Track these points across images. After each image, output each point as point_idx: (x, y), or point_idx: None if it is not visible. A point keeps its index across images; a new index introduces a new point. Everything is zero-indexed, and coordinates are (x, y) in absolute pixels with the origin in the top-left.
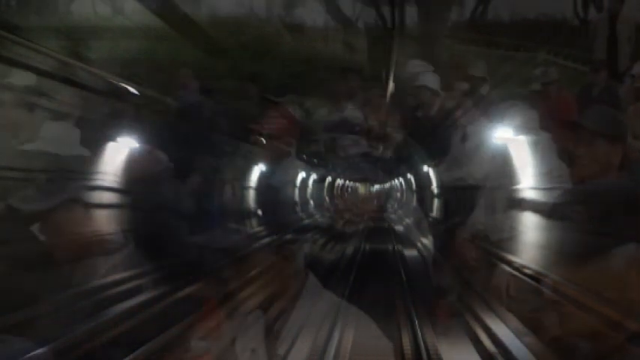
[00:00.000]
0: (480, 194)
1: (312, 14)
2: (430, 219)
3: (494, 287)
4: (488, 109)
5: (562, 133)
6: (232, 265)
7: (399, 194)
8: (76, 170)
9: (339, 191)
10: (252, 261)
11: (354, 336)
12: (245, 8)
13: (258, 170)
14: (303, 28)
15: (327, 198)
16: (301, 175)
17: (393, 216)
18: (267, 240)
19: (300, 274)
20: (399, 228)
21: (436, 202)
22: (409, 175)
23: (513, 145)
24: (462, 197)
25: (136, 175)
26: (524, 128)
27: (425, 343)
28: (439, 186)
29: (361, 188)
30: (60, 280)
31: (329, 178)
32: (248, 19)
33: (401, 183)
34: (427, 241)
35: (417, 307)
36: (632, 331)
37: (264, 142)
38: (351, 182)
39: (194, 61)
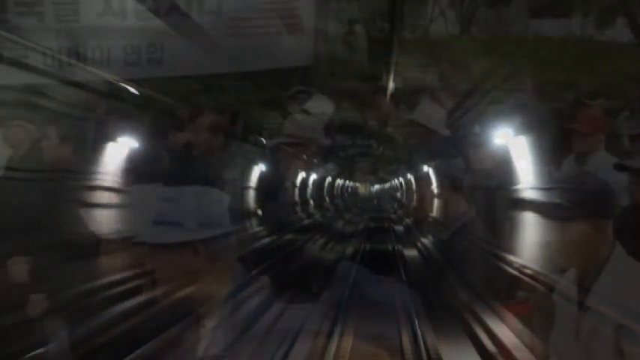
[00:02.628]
0: (480, 194)
1: (313, 14)
2: (430, 219)
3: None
4: (489, 108)
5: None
6: None
7: (399, 194)
8: None
9: (339, 191)
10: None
11: (354, 335)
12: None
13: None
14: (303, 28)
15: (327, 198)
16: (301, 175)
17: (393, 216)
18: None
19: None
20: (399, 228)
21: (436, 202)
22: (409, 175)
23: (513, 145)
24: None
25: None
26: (525, 128)
27: (425, 343)
28: (439, 186)
29: (361, 188)
30: None
31: (329, 178)
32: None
33: (401, 183)
34: (427, 242)
35: (417, 306)
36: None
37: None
38: (351, 182)
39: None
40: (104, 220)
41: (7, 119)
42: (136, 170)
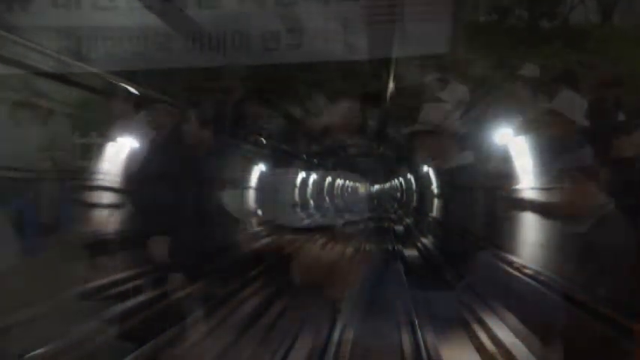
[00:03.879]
0: (480, 194)
1: (312, 14)
2: (430, 219)
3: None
4: (489, 108)
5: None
6: None
7: (399, 194)
8: None
9: (339, 191)
10: None
11: (354, 334)
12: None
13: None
14: (304, 28)
15: (327, 198)
16: (301, 175)
17: (393, 216)
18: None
19: None
20: (399, 228)
21: (436, 202)
22: (409, 175)
23: (513, 145)
24: (462, 197)
25: None
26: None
27: (425, 342)
28: (439, 186)
29: (361, 188)
30: None
31: (329, 178)
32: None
33: (401, 183)
34: (427, 241)
35: (417, 306)
36: None
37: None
38: (351, 182)
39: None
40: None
41: (153, 103)
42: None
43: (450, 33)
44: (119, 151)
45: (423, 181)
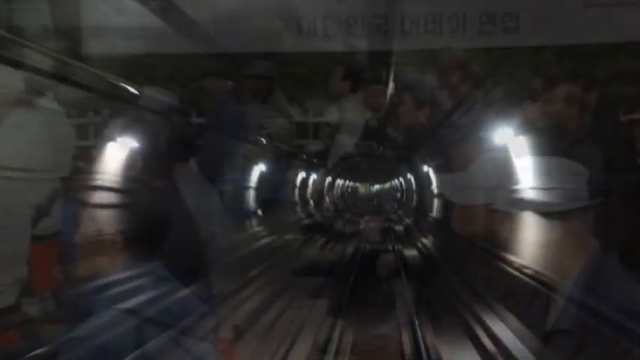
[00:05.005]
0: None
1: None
2: (430, 219)
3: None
4: (489, 108)
5: None
6: None
7: (399, 194)
8: None
9: (338, 191)
10: None
11: (354, 333)
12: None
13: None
14: (304, 28)
15: (327, 198)
16: (301, 175)
17: (393, 216)
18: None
19: None
20: (399, 228)
21: (436, 202)
22: (409, 175)
23: (513, 145)
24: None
25: None
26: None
27: (424, 341)
28: (439, 186)
29: (361, 188)
30: None
31: (329, 178)
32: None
33: (401, 183)
34: (427, 241)
35: (417, 305)
36: None
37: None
38: (351, 182)
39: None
40: None
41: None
42: None
43: None
44: None
45: (423, 181)
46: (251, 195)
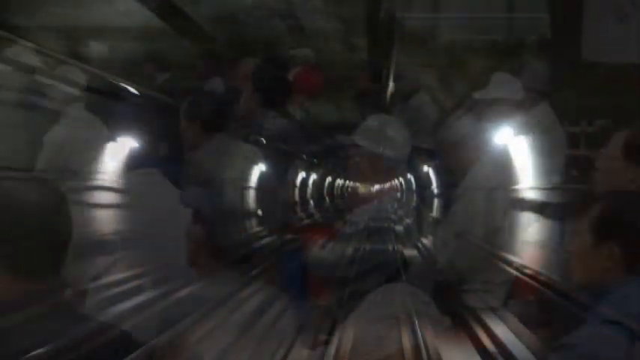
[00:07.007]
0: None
1: (312, 13)
2: (430, 219)
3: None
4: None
5: None
6: None
7: (398, 194)
8: None
9: (339, 191)
10: None
11: (354, 333)
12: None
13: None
14: (304, 28)
15: (327, 198)
16: (301, 175)
17: (393, 216)
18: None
19: None
20: (399, 228)
21: (436, 202)
22: (409, 175)
23: (513, 145)
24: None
25: None
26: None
27: (424, 340)
28: (439, 186)
29: (361, 188)
30: None
31: (329, 178)
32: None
33: (401, 183)
34: (427, 242)
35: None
36: None
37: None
38: (351, 182)
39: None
40: None
41: None
42: None
43: None
44: None
45: (423, 181)
46: (251, 195)
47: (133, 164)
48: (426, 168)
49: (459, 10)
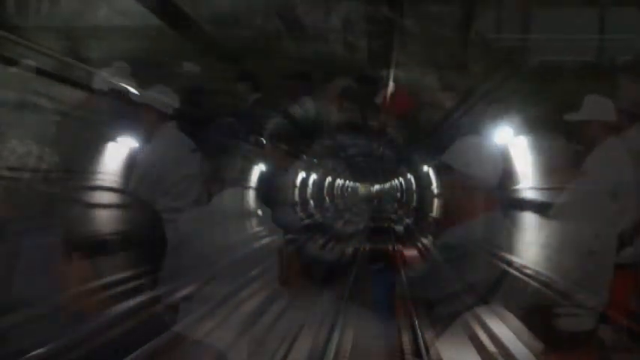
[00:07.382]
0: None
1: (312, 13)
2: (430, 219)
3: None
4: (489, 108)
5: None
6: None
7: (399, 194)
8: None
9: (339, 191)
10: None
11: (354, 333)
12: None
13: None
14: (303, 28)
15: (327, 198)
16: (301, 175)
17: (393, 216)
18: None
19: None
20: (399, 228)
21: (436, 202)
22: (409, 175)
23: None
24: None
25: None
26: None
27: (424, 339)
28: (439, 186)
29: (361, 188)
30: None
31: (329, 178)
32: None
33: (401, 183)
34: (427, 242)
35: (416, 305)
36: None
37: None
38: (351, 182)
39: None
40: None
41: None
42: None
43: None
44: None
45: (423, 181)
46: (251, 195)
47: (222, 185)
48: (425, 168)
49: (550, 31)
